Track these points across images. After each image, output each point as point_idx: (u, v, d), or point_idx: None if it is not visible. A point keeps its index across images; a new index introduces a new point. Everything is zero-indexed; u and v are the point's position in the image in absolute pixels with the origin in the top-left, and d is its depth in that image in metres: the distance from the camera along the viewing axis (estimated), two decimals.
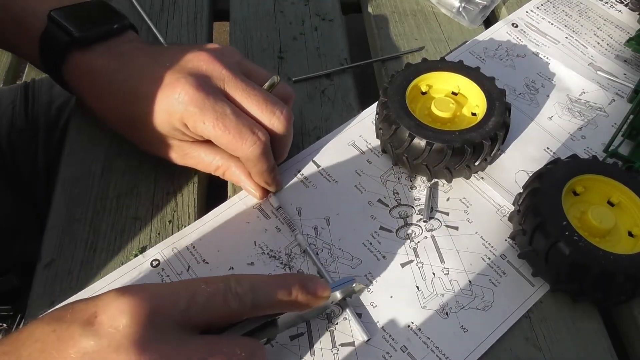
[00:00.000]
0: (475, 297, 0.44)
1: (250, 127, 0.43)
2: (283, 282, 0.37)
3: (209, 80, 0.44)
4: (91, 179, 0.50)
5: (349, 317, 0.42)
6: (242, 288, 0.35)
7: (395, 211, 0.48)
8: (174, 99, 0.43)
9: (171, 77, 0.44)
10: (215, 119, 0.43)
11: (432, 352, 0.41)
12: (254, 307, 0.35)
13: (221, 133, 0.43)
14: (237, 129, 0.43)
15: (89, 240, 0.46)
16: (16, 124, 0.64)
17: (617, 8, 0.68)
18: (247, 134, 0.43)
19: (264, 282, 0.36)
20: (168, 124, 0.44)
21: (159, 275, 0.44)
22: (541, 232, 0.43)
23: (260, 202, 0.48)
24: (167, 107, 0.44)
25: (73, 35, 0.47)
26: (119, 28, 0.49)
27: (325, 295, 0.38)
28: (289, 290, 0.36)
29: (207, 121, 0.43)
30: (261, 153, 0.44)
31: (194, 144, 0.47)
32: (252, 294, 0.35)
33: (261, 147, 0.44)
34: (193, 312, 0.33)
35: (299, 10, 0.65)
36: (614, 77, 0.59)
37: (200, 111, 0.43)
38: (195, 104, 0.43)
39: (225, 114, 0.43)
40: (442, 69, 0.53)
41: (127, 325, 0.31)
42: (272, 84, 0.46)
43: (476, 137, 0.47)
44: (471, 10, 0.65)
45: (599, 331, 0.43)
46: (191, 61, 0.45)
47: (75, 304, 0.33)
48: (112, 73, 0.47)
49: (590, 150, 0.53)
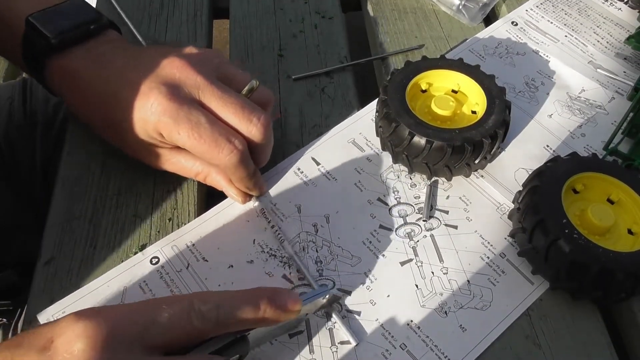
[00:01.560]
0: (474, 296, 0.44)
1: (226, 135, 0.43)
2: (250, 298, 0.36)
3: (183, 89, 0.43)
4: (91, 176, 0.50)
5: (338, 323, 0.42)
6: (206, 306, 0.34)
7: (395, 210, 0.48)
8: (147, 109, 0.42)
9: (145, 86, 0.43)
10: (190, 128, 0.42)
11: (431, 350, 0.41)
12: (220, 325, 0.34)
13: (196, 143, 0.42)
14: (213, 138, 0.42)
15: (89, 238, 0.46)
16: (14, 119, 0.64)
17: (617, 6, 0.68)
18: (223, 143, 0.42)
19: (230, 299, 0.35)
20: (145, 132, 0.44)
21: (159, 272, 0.44)
22: (541, 230, 0.43)
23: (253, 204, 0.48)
24: (142, 116, 0.43)
25: (49, 40, 0.46)
26: (97, 28, 0.48)
27: (295, 309, 0.37)
28: (257, 305, 0.36)
29: (181, 131, 0.42)
30: (238, 161, 0.43)
31: (173, 150, 0.46)
32: (216, 311, 0.34)
33: (238, 156, 0.43)
34: (153, 333, 0.33)
35: (298, 8, 0.65)
36: (614, 75, 0.59)
37: (174, 121, 0.42)
38: (169, 114, 0.42)
39: (199, 124, 0.42)
40: (442, 67, 0.53)
41: (82, 349, 0.31)
42: (251, 89, 0.45)
43: (476, 135, 0.47)
44: (471, 8, 0.65)
45: (599, 329, 0.43)
46: (165, 68, 0.44)
47: (34, 329, 0.33)
48: (91, 78, 0.46)
49: (590, 148, 0.53)
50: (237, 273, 0.44)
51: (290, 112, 0.55)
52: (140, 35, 0.60)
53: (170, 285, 0.43)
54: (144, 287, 0.43)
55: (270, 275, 0.44)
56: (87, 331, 0.31)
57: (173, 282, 0.44)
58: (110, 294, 0.43)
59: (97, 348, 0.31)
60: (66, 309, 0.42)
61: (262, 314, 0.36)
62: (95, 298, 0.42)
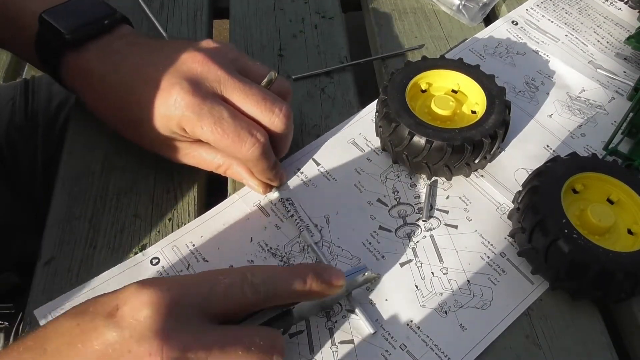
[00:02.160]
0: (474, 296, 0.44)
1: (249, 128, 0.43)
2: (298, 272, 0.37)
3: (205, 83, 0.43)
4: (91, 177, 0.50)
5: (357, 311, 0.42)
6: (258, 279, 0.35)
7: (395, 210, 0.48)
8: (170, 105, 0.43)
9: (166, 82, 0.43)
10: (213, 123, 0.42)
11: (431, 350, 0.41)
12: (270, 297, 0.36)
13: (220, 137, 0.43)
14: (236, 132, 0.43)
15: (89, 238, 0.46)
16: (15, 120, 0.64)
17: (617, 6, 0.68)
18: (246, 136, 0.43)
19: (279, 273, 0.37)
20: (166, 127, 0.44)
21: (159, 273, 0.44)
22: (541, 230, 0.43)
23: (261, 199, 0.48)
24: (164, 112, 0.43)
25: (64, 37, 0.47)
26: (110, 23, 0.48)
27: (339, 284, 0.39)
28: (304, 279, 0.37)
29: (204, 126, 0.43)
30: (261, 154, 0.44)
31: (193, 143, 0.46)
32: (267, 285, 0.36)
33: (260, 149, 0.44)
34: (213, 302, 0.34)
35: (299, 8, 0.65)
36: (614, 75, 0.59)
37: (197, 116, 0.42)
38: (192, 109, 0.42)
39: (222, 118, 0.43)
40: (442, 67, 0.53)
41: (148, 316, 0.31)
42: (270, 80, 0.46)
43: (476, 135, 0.47)
44: (471, 7, 0.65)
45: (599, 329, 0.43)
46: (185, 63, 0.44)
47: (98, 297, 0.34)
48: (106, 74, 0.46)
49: (590, 148, 0.53)
50: None
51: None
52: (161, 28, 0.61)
53: None
54: None
55: None
56: (152, 299, 0.32)
57: None
58: None
59: (163, 315, 0.32)
60: (64, 306, 0.42)
61: (308, 287, 0.37)
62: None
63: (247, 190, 0.49)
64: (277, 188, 0.49)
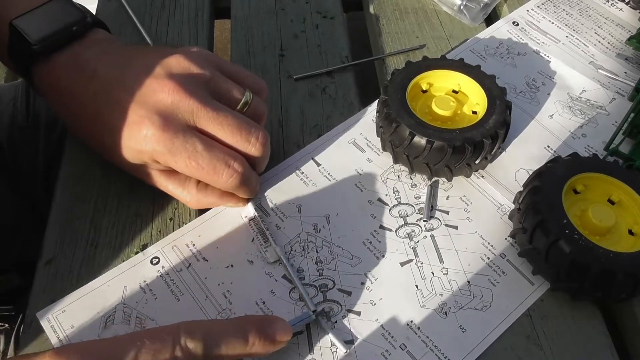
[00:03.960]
0: (474, 297, 0.44)
1: (225, 159, 0.42)
2: (239, 329, 0.35)
3: (177, 115, 0.41)
4: (92, 176, 0.50)
5: (330, 337, 0.41)
6: (193, 342, 0.33)
7: (395, 210, 0.48)
8: (140, 140, 0.41)
9: (135, 115, 0.41)
10: (187, 157, 0.41)
11: (431, 350, 0.41)
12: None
13: (195, 171, 0.42)
14: (211, 164, 0.42)
15: (90, 238, 0.46)
16: (17, 121, 0.64)
17: (618, 6, 0.68)
18: (222, 168, 0.42)
19: (217, 331, 0.35)
20: (137, 158, 0.43)
21: (159, 272, 0.44)
22: (541, 230, 0.43)
23: (261, 199, 0.48)
24: (135, 146, 0.42)
25: (32, 47, 0.45)
26: (80, 30, 0.46)
27: (285, 339, 0.37)
28: (246, 338, 0.35)
29: (178, 160, 0.41)
30: (240, 183, 0.43)
31: (162, 174, 0.45)
32: (203, 346, 0.33)
33: (238, 179, 0.43)
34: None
35: (300, 8, 0.65)
36: (615, 76, 0.59)
37: (169, 151, 0.41)
38: (164, 144, 0.41)
39: (196, 151, 0.41)
40: (443, 67, 0.53)
41: None
42: (245, 103, 0.45)
43: (477, 136, 0.47)
44: (472, 8, 0.65)
45: (600, 329, 0.43)
46: (155, 93, 0.42)
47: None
48: (75, 92, 0.45)
49: (591, 149, 0.53)
50: (237, 273, 0.44)
51: (291, 112, 0.55)
52: (145, 32, 0.61)
53: (170, 285, 0.43)
54: (144, 287, 0.43)
55: (270, 276, 0.44)
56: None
57: (173, 282, 0.44)
58: (110, 293, 0.43)
59: None
60: (66, 309, 0.42)
61: (250, 348, 0.35)
62: (95, 298, 0.43)
63: None
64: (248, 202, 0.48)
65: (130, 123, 0.42)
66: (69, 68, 0.45)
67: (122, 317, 0.42)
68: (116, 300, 0.42)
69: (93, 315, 0.42)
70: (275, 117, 0.55)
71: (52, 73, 0.46)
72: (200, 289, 0.43)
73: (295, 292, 0.43)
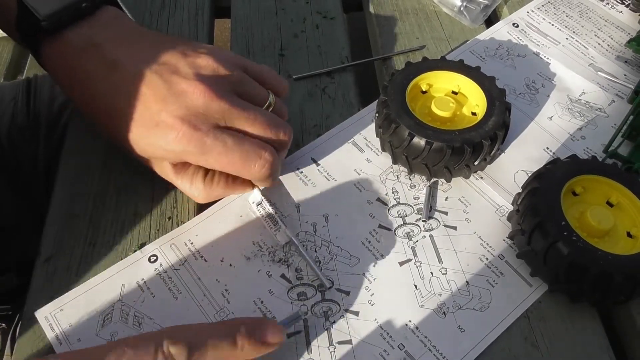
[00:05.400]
0: (473, 297, 0.44)
1: (256, 151, 0.43)
2: (226, 332, 0.34)
3: (207, 117, 0.42)
4: (91, 175, 0.50)
5: (307, 263, 0.42)
6: (176, 347, 0.32)
7: (394, 210, 0.48)
8: (171, 140, 0.41)
9: (166, 114, 0.41)
10: (218, 154, 0.42)
11: (430, 351, 0.41)
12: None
13: (226, 166, 0.43)
14: (243, 157, 0.42)
15: (89, 236, 0.46)
16: (17, 120, 0.64)
17: (618, 9, 0.68)
18: (254, 160, 0.43)
19: (203, 335, 0.34)
20: (160, 155, 0.43)
21: (157, 270, 0.44)
22: (540, 232, 0.43)
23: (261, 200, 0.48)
24: (165, 145, 0.42)
25: (40, 23, 0.43)
26: (89, 7, 0.45)
27: (276, 341, 0.35)
28: (234, 341, 0.34)
29: (209, 159, 0.42)
30: (270, 173, 0.44)
31: (174, 168, 0.45)
32: (187, 351, 0.32)
33: (270, 169, 0.44)
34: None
35: (300, 8, 0.65)
36: (614, 78, 0.59)
37: (200, 152, 0.42)
38: (195, 145, 0.41)
39: (227, 147, 0.42)
40: (443, 68, 0.53)
41: None
42: (270, 104, 0.46)
43: (476, 137, 0.47)
44: (473, 9, 0.65)
45: (598, 331, 0.43)
46: (186, 94, 0.41)
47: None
48: (92, 76, 0.44)
49: (590, 151, 0.53)
50: (235, 271, 0.44)
51: (290, 112, 0.55)
52: None
53: (168, 283, 0.43)
54: (142, 285, 0.43)
55: (268, 275, 0.44)
56: None
57: (171, 280, 0.44)
58: (108, 291, 0.43)
59: None
60: (64, 307, 0.42)
61: (239, 351, 0.34)
62: (93, 296, 0.42)
63: None
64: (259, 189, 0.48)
65: (160, 123, 0.41)
66: (84, 50, 0.44)
67: (119, 315, 0.42)
68: (114, 299, 0.42)
69: (91, 314, 0.42)
70: None
71: (63, 51, 0.45)
72: (198, 287, 0.43)
73: (294, 291, 0.43)
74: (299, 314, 0.42)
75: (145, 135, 0.43)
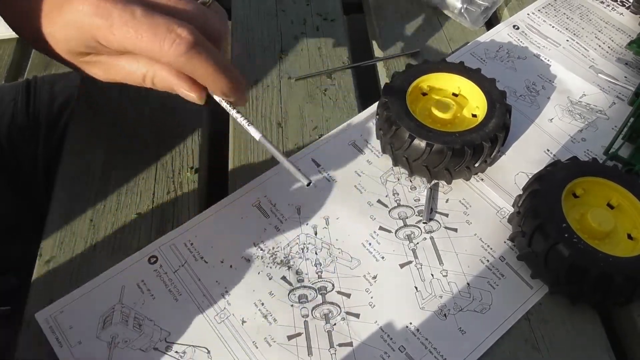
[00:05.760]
0: (474, 299, 0.44)
1: (167, 25, 0.38)
2: None
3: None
4: (91, 176, 0.50)
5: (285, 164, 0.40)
6: None
7: (395, 212, 0.48)
8: (78, 11, 0.38)
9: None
10: (123, 24, 0.37)
11: (430, 353, 0.41)
12: None
13: (134, 39, 0.38)
14: (150, 30, 0.37)
15: (89, 237, 0.46)
16: (17, 121, 0.64)
17: (619, 11, 0.68)
18: (164, 34, 0.37)
19: None
20: (79, 39, 0.40)
21: (156, 271, 0.44)
22: (540, 234, 0.43)
23: (261, 199, 0.48)
24: (74, 20, 0.39)
25: None
26: None
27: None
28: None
29: (115, 31, 0.38)
30: (186, 51, 0.38)
31: (112, 55, 0.42)
32: None
33: (184, 45, 0.38)
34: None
35: (300, 10, 0.65)
36: (615, 80, 0.59)
37: (107, 22, 0.38)
38: (101, 15, 0.38)
39: (134, 18, 0.37)
40: (443, 70, 0.53)
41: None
42: (204, 3, 0.41)
43: (476, 139, 0.47)
44: (473, 11, 0.65)
45: (598, 333, 0.43)
46: None
47: None
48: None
49: (591, 153, 0.53)
50: (236, 273, 0.44)
51: (291, 114, 0.55)
52: None
53: (168, 285, 0.43)
54: (142, 286, 0.43)
55: (269, 277, 0.44)
56: None
57: (171, 282, 0.44)
58: (109, 293, 0.43)
59: None
60: (64, 309, 0.42)
61: None
62: (93, 298, 0.42)
63: (247, 190, 0.49)
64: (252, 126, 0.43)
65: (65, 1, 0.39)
66: None
67: (120, 317, 0.42)
68: (114, 301, 0.42)
69: (91, 316, 0.42)
70: (274, 118, 0.55)
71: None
72: (198, 288, 0.43)
73: (294, 293, 0.43)
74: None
75: (57, 17, 0.40)
